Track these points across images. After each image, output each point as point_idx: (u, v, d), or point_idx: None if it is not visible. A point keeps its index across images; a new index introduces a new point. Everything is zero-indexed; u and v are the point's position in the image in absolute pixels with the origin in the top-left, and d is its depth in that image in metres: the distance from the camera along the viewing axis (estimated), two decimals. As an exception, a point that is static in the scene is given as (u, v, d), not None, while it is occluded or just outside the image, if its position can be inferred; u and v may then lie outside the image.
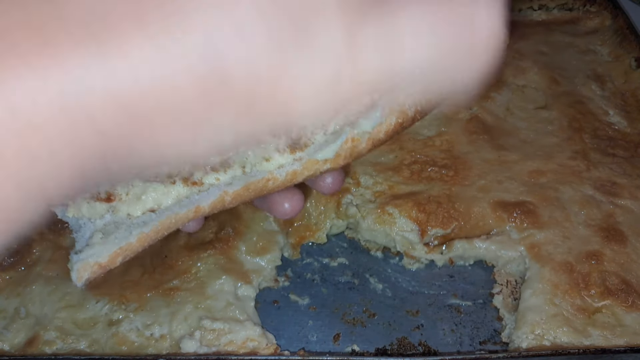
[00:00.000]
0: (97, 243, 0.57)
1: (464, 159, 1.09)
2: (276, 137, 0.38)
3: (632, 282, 0.90)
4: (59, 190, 0.31)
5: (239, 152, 0.59)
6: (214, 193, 0.59)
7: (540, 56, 1.32)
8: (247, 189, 0.59)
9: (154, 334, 0.87)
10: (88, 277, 0.57)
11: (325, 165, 0.60)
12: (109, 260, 0.57)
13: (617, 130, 1.16)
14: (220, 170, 0.59)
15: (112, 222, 0.59)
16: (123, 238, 0.57)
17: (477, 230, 1.00)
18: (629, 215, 1.00)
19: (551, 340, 0.85)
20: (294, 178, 0.60)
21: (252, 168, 0.59)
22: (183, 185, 0.59)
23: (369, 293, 0.97)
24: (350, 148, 0.60)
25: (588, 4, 1.47)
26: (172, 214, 0.58)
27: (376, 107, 0.58)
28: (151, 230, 0.58)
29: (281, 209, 0.66)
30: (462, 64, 0.36)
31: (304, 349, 0.89)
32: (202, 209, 0.59)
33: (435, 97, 0.62)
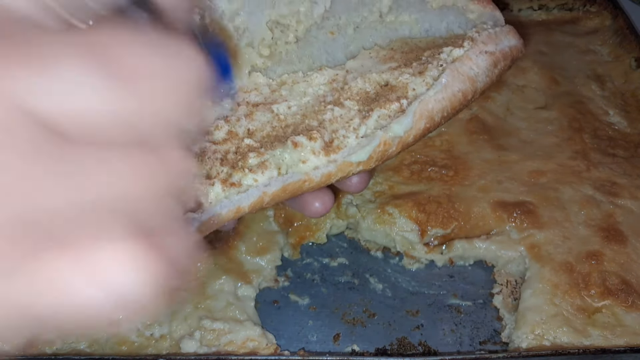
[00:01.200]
0: None
1: (464, 159, 1.09)
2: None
3: (632, 282, 0.90)
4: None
5: (275, 155, 0.61)
6: (254, 194, 0.60)
7: (540, 56, 1.32)
8: (285, 190, 0.61)
9: (154, 334, 0.87)
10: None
11: (359, 167, 0.63)
12: None
13: (617, 130, 1.16)
14: (258, 172, 0.60)
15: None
16: None
17: (477, 230, 1.00)
18: (629, 215, 1.00)
19: (551, 340, 0.85)
20: (328, 179, 0.62)
21: (288, 169, 0.61)
22: (222, 186, 0.60)
23: (369, 293, 0.97)
24: (382, 151, 0.63)
25: (588, 4, 1.47)
26: (215, 214, 0.59)
27: (408, 113, 0.63)
28: (195, 231, 0.59)
29: (313, 208, 0.69)
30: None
31: (304, 349, 0.89)
32: (243, 209, 0.60)
33: (459, 104, 0.66)
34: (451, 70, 0.65)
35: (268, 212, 1.02)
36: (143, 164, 0.31)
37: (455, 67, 0.66)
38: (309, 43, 0.75)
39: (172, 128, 0.33)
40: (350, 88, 0.67)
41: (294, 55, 0.74)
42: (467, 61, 0.67)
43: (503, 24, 0.74)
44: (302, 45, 0.74)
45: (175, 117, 0.33)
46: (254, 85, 0.70)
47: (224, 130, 0.65)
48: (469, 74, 0.66)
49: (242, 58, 0.71)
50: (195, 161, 0.65)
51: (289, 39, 0.73)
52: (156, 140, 0.32)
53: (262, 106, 0.67)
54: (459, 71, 0.66)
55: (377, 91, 0.67)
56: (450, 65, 0.66)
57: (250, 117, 0.66)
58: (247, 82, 0.71)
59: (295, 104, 0.67)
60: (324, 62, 0.74)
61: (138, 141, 0.31)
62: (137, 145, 0.31)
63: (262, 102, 0.68)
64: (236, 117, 0.67)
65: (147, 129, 0.32)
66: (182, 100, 0.33)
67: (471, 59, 0.67)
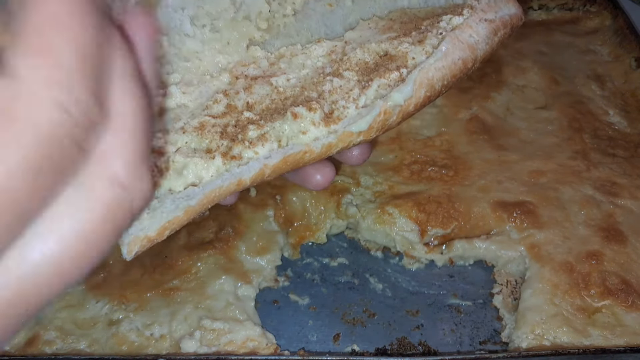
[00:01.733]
0: (145, 218, 0.58)
1: (464, 159, 1.09)
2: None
3: (632, 282, 0.90)
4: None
5: (275, 127, 0.61)
6: (254, 166, 0.60)
7: (540, 56, 1.33)
8: (285, 162, 0.61)
9: (154, 334, 0.87)
10: (138, 250, 0.57)
11: (359, 137, 0.62)
12: (158, 234, 0.58)
13: (617, 130, 1.16)
14: (258, 144, 0.60)
15: (154, 198, 0.60)
16: (170, 212, 0.58)
17: (477, 230, 1.00)
18: (629, 215, 1.00)
19: (551, 340, 0.85)
20: (329, 150, 0.62)
21: (289, 141, 0.61)
22: (222, 159, 0.60)
23: (369, 293, 0.97)
24: (382, 120, 0.62)
25: (588, 4, 1.47)
26: (216, 187, 0.59)
27: (408, 81, 0.62)
28: (197, 204, 0.59)
29: (314, 180, 0.69)
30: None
31: (304, 349, 0.89)
32: (244, 182, 0.60)
33: (460, 72, 0.65)
34: (451, 38, 0.65)
35: (268, 212, 1.02)
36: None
37: (455, 35, 0.65)
38: (307, 16, 0.75)
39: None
40: (349, 59, 0.67)
41: (292, 29, 0.74)
42: (467, 29, 0.66)
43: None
44: (300, 18, 0.74)
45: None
46: (252, 58, 0.70)
47: (223, 103, 0.65)
48: (469, 41, 0.66)
49: (239, 30, 0.71)
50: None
51: (286, 12, 0.74)
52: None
53: (260, 79, 0.67)
54: (459, 39, 0.65)
55: (376, 61, 0.67)
56: (450, 33, 0.65)
57: (249, 90, 0.66)
58: (245, 55, 0.71)
59: (294, 77, 0.67)
60: (322, 35, 0.74)
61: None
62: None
63: (260, 75, 0.68)
64: (235, 90, 0.66)
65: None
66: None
67: (471, 27, 0.67)
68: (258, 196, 1.04)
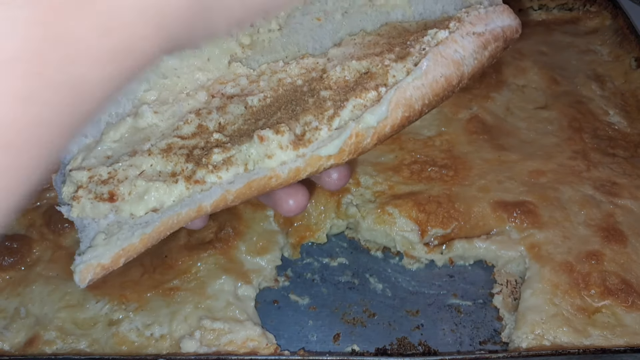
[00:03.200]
0: (100, 244, 0.57)
1: (464, 159, 1.09)
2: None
3: (632, 282, 0.90)
4: (176, 20, 0.36)
5: (241, 150, 0.59)
6: (217, 192, 0.59)
7: (540, 56, 1.32)
8: (250, 187, 0.59)
9: (154, 334, 0.87)
10: (91, 278, 0.57)
11: (330, 161, 0.60)
12: (112, 262, 0.57)
13: (617, 130, 1.16)
14: (222, 169, 0.59)
15: (115, 222, 0.59)
16: (125, 239, 0.58)
17: (477, 230, 1.00)
18: (629, 215, 0.99)
19: (551, 340, 0.85)
20: (297, 175, 0.59)
21: (255, 165, 0.59)
22: (186, 183, 0.59)
23: (369, 293, 0.97)
24: (354, 143, 0.59)
25: (588, 4, 1.47)
26: (174, 214, 0.58)
27: (382, 102, 0.59)
28: (153, 231, 0.58)
29: (286, 205, 0.66)
30: None
31: (304, 349, 0.89)
32: (205, 208, 0.59)
33: (443, 91, 0.62)
34: (433, 54, 0.61)
35: (268, 212, 1.02)
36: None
37: (438, 50, 0.61)
38: (294, 30, 0.72)
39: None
40: (328, 77, 0.64)
41: (278, 44, 0.71)
42: (451, 44, 0.62)
43: (499, 3, 0.69)
44: (286, 32, 0.71)
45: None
46: (232, 75, 0.68)
47: (194, 124, 0.64)
48: (454, 57, 0.61)
49: (220, 47, 0.68)
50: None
51: (271, 27, 0.71)
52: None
53: (236, 98, 0.65)
54: (442, 55, 0.61)
55: (356, 79, 0.63)
56: (433, 49, 0.61)
57: (223, 109, 0.64)
58: (226, 72, 0.68)
59: (271, 96, 0.65)
60: (310, 50, 0.71)
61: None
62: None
63: (237, 94, 0.66)
64: (207, 110, 0.65)
65: None
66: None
67: (456, 41, 0.62)
68: (258, 196, 1.04)
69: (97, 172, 0.61)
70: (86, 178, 0.61)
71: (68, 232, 0.99)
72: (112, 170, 0.61)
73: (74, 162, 0.63)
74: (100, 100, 0.36)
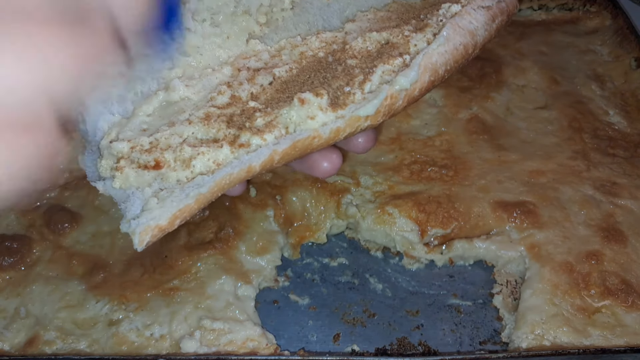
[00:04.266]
0: (155, 207, 0.58)
1: (464, 159, 1.09)
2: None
3: (632, 282, 0.90)
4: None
5: (282, 114, 0.62)
6: (264, 153, 0.61)
7: (540, 56, 1.32)
8: (294, 147, 0.61)
9: (154, 334, 0.87)
10: (149, 240, 0.58)
11: (367, 122, 0.63)
12: (169, 223, 0.58)
13: (617, 130, 1.16)
14: (266, 131, 0.61)
15: (162, 189, 0.60)
16: (180, 200, 0.58)
17: (477, 230, 1.00)
18: (629, 215, 1.00)
19: (551, 340, 0.85)
20: (337, 135, 0.63)
21: (296, 127, 0.62)
22: (230, 147, 0.60)
23: (369, 293, 0.97)
24: (389, 105, 0.63)
25: (588, 4, 1.47)
26: (227, 174, 0.60)
27: (413, 66, 0.63)
28: (208, 191, 0.59)
29: (321, 167, 0.68)
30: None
31: (304, 349, 0.89)
32: (254, 169, 0.61)
33: (461, 58, 0.67)
34: (451, 24, 0.67)
35: (268, 212, 1.02)
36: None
37: (455, 21, 0.67)
38: (305, 10, 0.76)
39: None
40: (351, 47, 0.68)
41: (290, 22, 0.75)
42: (466, 16, 0.68)
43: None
44: (297, 12, 0.76)
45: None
46: (252, 52, 0.71)
47: (227, 94, 0.66)
48: (469, 27, 0.67)
49: (239, 25, 0.71)
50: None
51: (284, 6, 0.75)
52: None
53: (262, 71, 0.68)
54: (459, 25, 0.67)
55: (378, 49, 0.68)
56: (450, 20, 0.67)
57: (252, 81, 0.67)
58: (246, 49, 0.72)
59: (296, 67, 0.68)
60: (320, 28, 0.75)
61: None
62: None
63: (262, 67, 0.69)
64: (238, 81, 0.67)
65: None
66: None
67: (470, 14, 0.68)
68: (258, 196, 1.04)
69: (139, 142, 0.62)
70: (128, 148, 0.61)
71: (68, 232, 0.99)
72: (153, 139, 0.62)
73: (109, 136, 0.64)
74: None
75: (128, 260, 0.96)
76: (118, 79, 0.65)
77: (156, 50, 0.62)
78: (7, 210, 1.03)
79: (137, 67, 0.66)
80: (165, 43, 0.63)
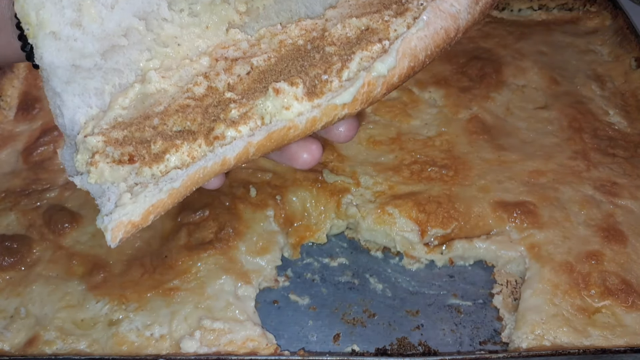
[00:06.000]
0: (128, 203, 0.58)
1: (464, 159, 1.09)
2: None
3: (632, 282, 0.90)
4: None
5: (257, 104, 0.61)
6: (238, 145, 0.60)
7: (540, 56, 1.32)
8: (270, 139, 0.61)
9: (154, 334, 0.87)
10: (122, 237, 0.57)
11: (344, 110, 0.62)
12: (142, 218, 0.58)
13: (617, 130, 1.16)
14: (240, 123, 0.60)
15: (135, 184, 0.59)
16: (153, 195, 0.58)
17: (477, 230, 1.00)
18: (629, 215, 1.00)
19: (551, 340, 0.85)
20: (313, 125, 0.62)
21: (272, 118, 0.61)
22: (205, 140, 0.60)
23: (369, 293, 0.97)
24: (366, 92, 0.62)
25: (588, 4, 1.47)
26: (200, 168, 0.59)
27: (390, 51, 0.62)
28: (181, 185, 0.59)
29: (300, 159, 0.67)
30: None
31: (304, 349, 0.89)
32: (228, 162, 0.60)
33: (443, 42, 0.65)
34: (432, 8, 0.64)
35: (268, 212, 1.02)
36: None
37: (435, 4, 0.65)
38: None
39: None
40: (330, 35, 0.66)
41: (272, 11, 0.73)
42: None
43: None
44: (279, 0, 0.74)
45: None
46: (232, 41, 0.70)
47: (203, 86, 0.65)
48: (450, 11, 0.65)
49: (218, 14, 0.70)
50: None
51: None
52: None
53: (241, 60, 0.67)
54: (440, 9, 0.64)
55: (357, 35, 0.66)
56: (431, 4, 0.65)
57: (230, 71, 0.66)
58: (225, 39, 0.70)
59: (274, 56, 0.67)
60: (302, 16, 0.73)
61: None
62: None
63: (240, 56, 0.68)
64: (215, 72, 0.66)
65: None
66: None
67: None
68: (258, 196, 1.04)
69: (113, 136, 0.61)
70: (102, 143, 0.61)
71: (68, 232, 0.99)
72: (128, 133, 0.61)
73: (85, 130, 0.63)
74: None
75: (128, 260, 0.96)
76: (94, 71, 0.64)
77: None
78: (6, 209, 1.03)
79: (113, 59, 0.65)
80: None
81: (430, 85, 1.24)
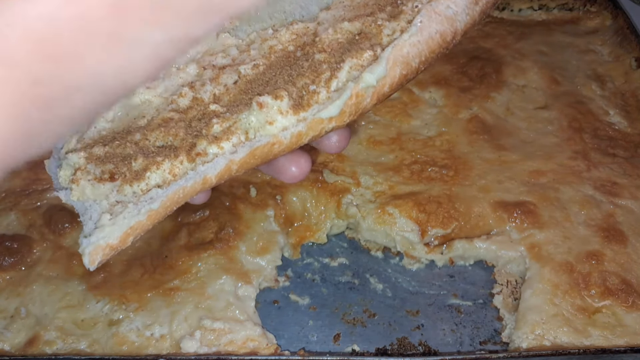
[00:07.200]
0: (107, 225, 0.56)
1: (464, 159, 1.09)
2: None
3: (632, 282, 0.90)
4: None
5: (240, 119, 0.58)
6: (220, 163, 0.58)
7: (540, 56, 1.32)
8: (253, 156, 0.58)
9: (154, 334, 0.87)
10: (100, 260, 0.56)
11: (331, 123, 0.59)
12: (120, 241, 0.56)
13: (617, 130, 1.16)
14: (223, 139, 0.58)
15: (118, 202, 0.58)
16: (132, 217, 0.56)
17: (477, 230, 1.00)
18: (629, 215, 1.00)
19: (551, 340, 0.85)
20: (299, 140, 0.59)
21: (256, 133, 0.58)
22: (187, 157, 0.58)
23: (369, 293, 0.97)
24: (355, 104, 0.59)
25: (588, 4, 1.47)
26: (180, 188, 0.57)
27: (380, 60, 0.58)
28: (160, 206, 0.57)
29: (289, 172, 0.65)
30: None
31: (304, 349, 0.89)
32: (210, 180, 0.58)
33: (438, 47, 0.61)
34: (427, 10, 0.60)
35: (268, 212, 1.02)
36: None
37: (431, 7, 0.60)
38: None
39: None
40: (321, 40, 0.63)
41: (265, 12, 0.70)
42: (443, 0, 0.61)
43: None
44: (272, 1, 0.70)
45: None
46: (222, 46, 0.67)
47: (189, 97, 0.62)
48: (447, 13, 0.60)
49: None
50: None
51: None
52: None
53: (228, 68, 0.64)
54: (436, 11, 0.60)
55: (349, 41, 0.62)
56: (426, 6, 0.60)
57: (216, 80, 0.63)
58: (215, 44, 0.67)
59: (264, 63, 0.64)
60: (297, 17, 0.69)
61: None
62: None
63: (229, 64, 0.65)
64: (201, 82, 0.64)
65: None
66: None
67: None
68: (258, 196, 1.04)
69: (94, 153, 0.60)
70: (83, 160, 0.60)
71: (68, 232, 0.99)
72: (109, 149, 0.60)
73: (68, 145, 0.62)
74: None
75: (128, 260, 0.96)
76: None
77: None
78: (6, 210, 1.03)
79: None
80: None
81: (431, 85, 1.24)
